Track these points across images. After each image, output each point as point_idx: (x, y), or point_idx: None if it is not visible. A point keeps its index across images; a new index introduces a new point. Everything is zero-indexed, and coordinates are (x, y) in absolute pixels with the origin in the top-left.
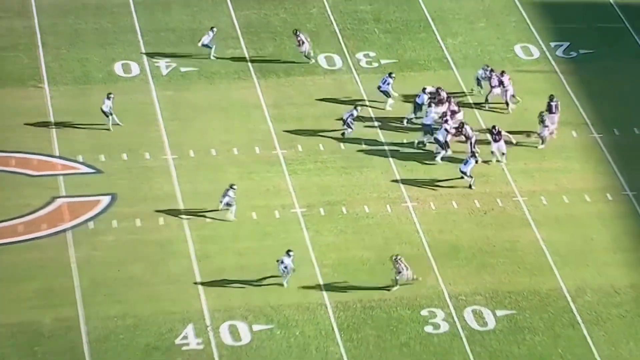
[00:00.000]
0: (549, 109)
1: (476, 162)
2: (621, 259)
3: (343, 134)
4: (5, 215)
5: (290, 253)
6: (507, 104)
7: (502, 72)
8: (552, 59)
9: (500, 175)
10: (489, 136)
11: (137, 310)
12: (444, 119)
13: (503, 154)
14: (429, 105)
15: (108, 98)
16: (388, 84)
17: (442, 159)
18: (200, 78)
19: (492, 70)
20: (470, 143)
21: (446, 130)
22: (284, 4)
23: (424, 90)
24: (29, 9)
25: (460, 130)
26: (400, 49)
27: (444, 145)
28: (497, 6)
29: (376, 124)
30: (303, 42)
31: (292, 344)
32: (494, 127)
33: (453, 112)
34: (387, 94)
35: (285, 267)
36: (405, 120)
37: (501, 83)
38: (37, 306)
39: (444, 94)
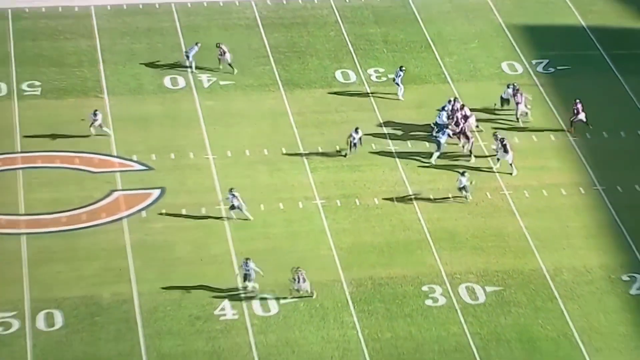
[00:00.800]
0: (576, 112)
1: (467, 179)
2: (592, 243)
3: (345, 154)
4: (71, 205)
5: (249, 261)
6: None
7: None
8: (534, 74)
9: (490, 172)
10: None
11: (182, 286)
12: (449, 123)
13: (511, 164)
14: (443, 109)
15: (95, 115)
16: (399, 75)
17: (438, 157)
18: (237, 90)
19: (518, 89)
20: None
21: (449, 135)
22: (307, 28)
23: (449, 101)
24: (91, 31)
25: (462, 130)
26: (405, 65)
27: (440, 146)
28: (486, 30)
29: (384, 128)
30: (225, 53)
31: (313, 314)
32: (502, 139)
33: (465, 117)
34: (398, 85)
35: (248, 271)
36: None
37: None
38: (98, 283)
39: (457, 105)
